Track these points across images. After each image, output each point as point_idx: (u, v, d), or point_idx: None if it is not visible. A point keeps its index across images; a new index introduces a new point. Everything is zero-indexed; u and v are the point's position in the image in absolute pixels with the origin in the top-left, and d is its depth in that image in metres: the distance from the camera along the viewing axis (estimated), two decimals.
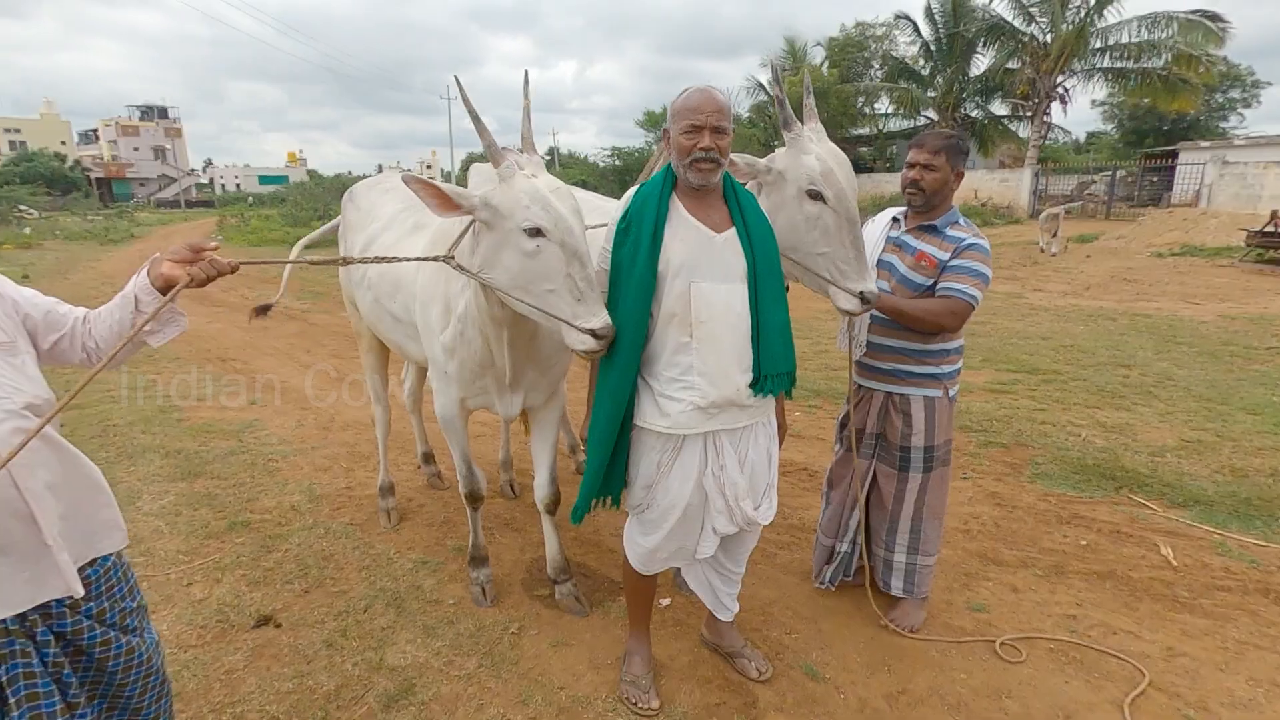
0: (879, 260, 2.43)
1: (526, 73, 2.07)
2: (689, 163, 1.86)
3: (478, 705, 2.21)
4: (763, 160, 2.12)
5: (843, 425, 2.66)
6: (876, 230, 2.51)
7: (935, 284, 2.29)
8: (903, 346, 2.37)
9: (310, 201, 28.37)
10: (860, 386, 2.56)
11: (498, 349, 2.25)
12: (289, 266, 4.24)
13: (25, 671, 1.34)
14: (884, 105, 26.01)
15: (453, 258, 2.00)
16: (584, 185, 32.01)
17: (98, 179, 49.60)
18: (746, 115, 29.14)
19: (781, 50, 27.70)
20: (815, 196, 2.04)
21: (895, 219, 2.50)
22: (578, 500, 2.04)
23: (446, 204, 1.88)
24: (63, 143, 51.40)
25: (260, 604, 2.74)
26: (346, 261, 1.92)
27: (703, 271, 1.90)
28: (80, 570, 1.44)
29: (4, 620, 1.31)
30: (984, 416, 4.78)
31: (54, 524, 1.35)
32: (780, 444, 2.30)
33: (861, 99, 25.32)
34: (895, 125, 26.68)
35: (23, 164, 43.98)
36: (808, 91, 2.17)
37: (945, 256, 2.28)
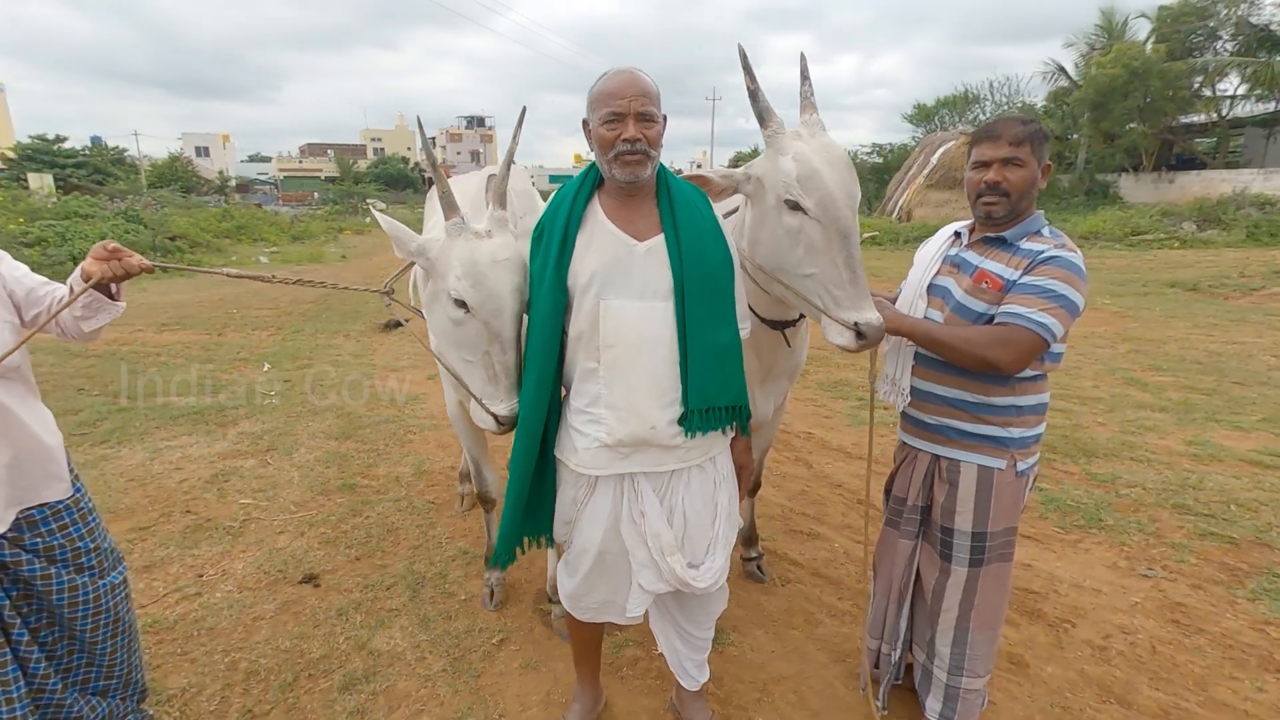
0: (932, 285, 1.88)
1: (524, 110, 1.94)
2: (612, 157, 1.59)
3: (416, 710, 2.19)
4: (740, 169, 1.77)
5: (888, 491, 2.12)
6: (932, 249, 1.96)
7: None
8: (954, 396, 1.79)
9: None
10: (904, 444, 2.02)
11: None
12: None
13: None
14: (1231, 85, 20.77)
15: (392, 291, 1.94)
16: None
17: (428, 179, 59.85)
18: (1041, 104, 25.41)
19: (1095, 25, 23.58)
20: (794, 206, 1.64)
21: (957, 233, 1.92)
22: (497, 541, 1.84)
23: (397, 243, 1.82)
24: (409, 149, 62.89)
25: (316, 563, 3.03)
26: (270, 280, 1.97)
27: (616, 286, 1.62)
28: (26, 511, 1.69)
29: None
30: (1219, 496, 3.55)
31: None
32: (746, 493, 1.92)
33: (1198, 79, 20.47)
34: (1245, 109, 21.16)
35: (380, 167, 55.00)
36: (803, 77, 1.75)
37: (1014, 275, 1.69)
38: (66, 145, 36.67)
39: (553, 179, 68.28)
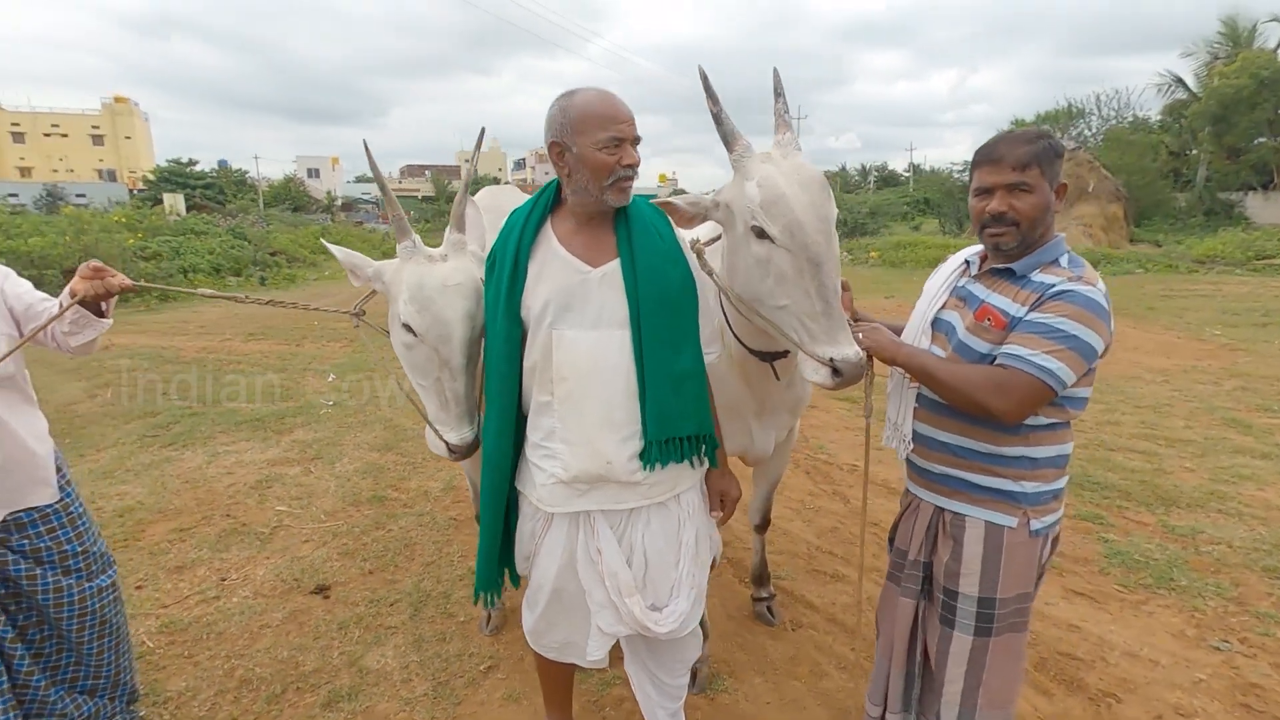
0: (937, 319, 1.68)
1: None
2: (610, 183, 1.51)
3: None
4: (708, 195, 1.66)
5: (891, 541, 1.93)
6: (940, 278, 1.76)
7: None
8: (959, 444, 1.59)
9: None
10: (908, 491, 1.84)
11: None
12: None
13: None
14: None
15: (363, 314, 1.93)
16: (926, 203, 29.53)
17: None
18: (1156, 118, 23.70)
19: (1218, 33, 21.82)
20: (761, 234, 1.52)
21: (968, 262, 1.73)
22: (476, 575, 1.79)
23: (352, 272, 1.83)
24: (499, 169, 65.48)
25: (331, 574, 3.09)
26: (243, 300, 2.01)
27: (569, 316, 1.55)
28: (14, 514, 1.78)
29: None
30: None
31: None
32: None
33: None
34: None
35: (472, 187, 57.57)
36: (777, 94, 1.64)
37: (1019, 311, 1.48)
38: (197, 168, 40.30)
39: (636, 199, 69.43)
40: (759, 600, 2.77)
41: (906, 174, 60.37)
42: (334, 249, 1.83)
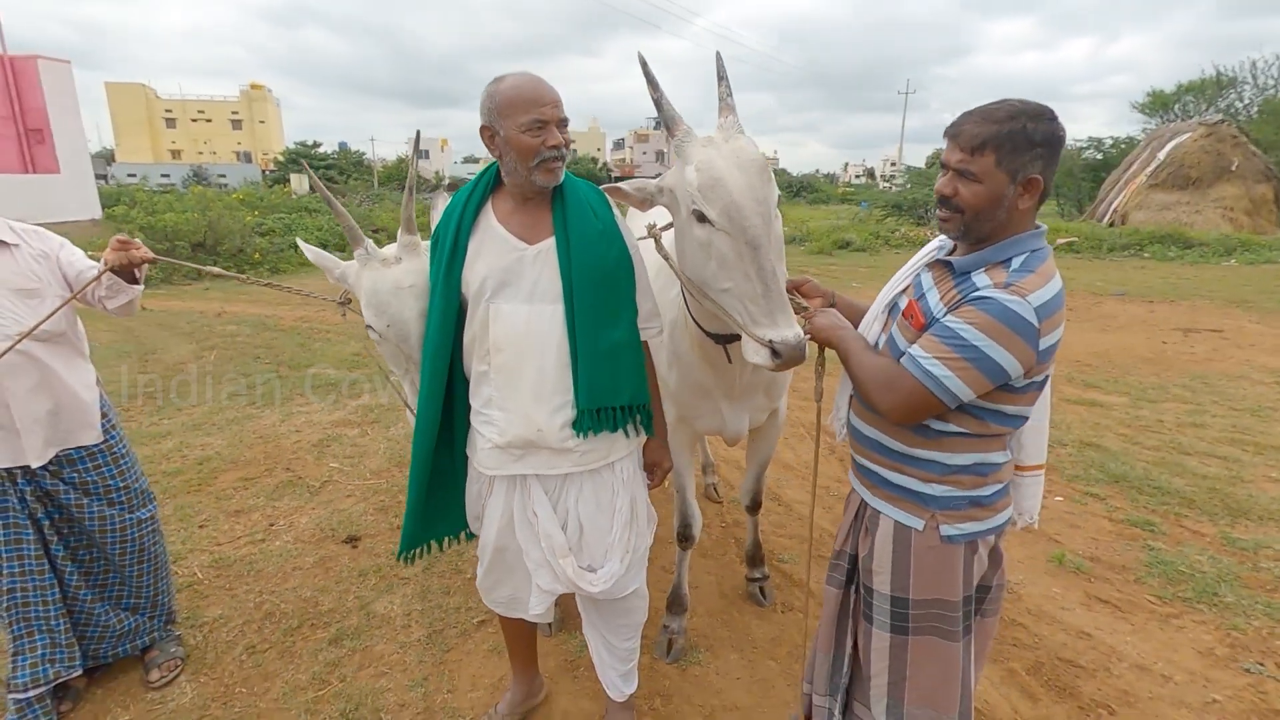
0: (894, 304, 1.60)
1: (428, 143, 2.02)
2: (536, 164, 1.59)
3: (380, 672, 2.36)
4: (654, 180, 1.69)
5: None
6: (911, 262, 1.69)
7: None
8: (875, 438, 1.56)
9: None
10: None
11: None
12: None
13: (2, 506, 2.01)
14: None
15: (348, 301, 2.02)
16: None
17: (615, 177, 62.85)
18: None
19: None
20: (701, 218, 1.54)
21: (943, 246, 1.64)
22: (400, 536, 1.90)
23: (325, 272, 1.92)
24: (598, 149, 66.25)
25: (363, 526, 3.35)
26: (248, 281, 2.20)
27: (506, 291, 1.64)
28: (65, 450, 2.08)
29: None
30: None
31: (29, 415, 1.98)
32: (652, 485, 1.85)
33: None
34: None
35: (570, 166, 58.49)
36: (719, 77, 1.64)
37: (940, 312, 1.41)
38: (320, 150, 43.24)
39: None
40: (752, 580, 2.78)
41: None
42: (306, 249, 1.93)
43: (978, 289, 1.35)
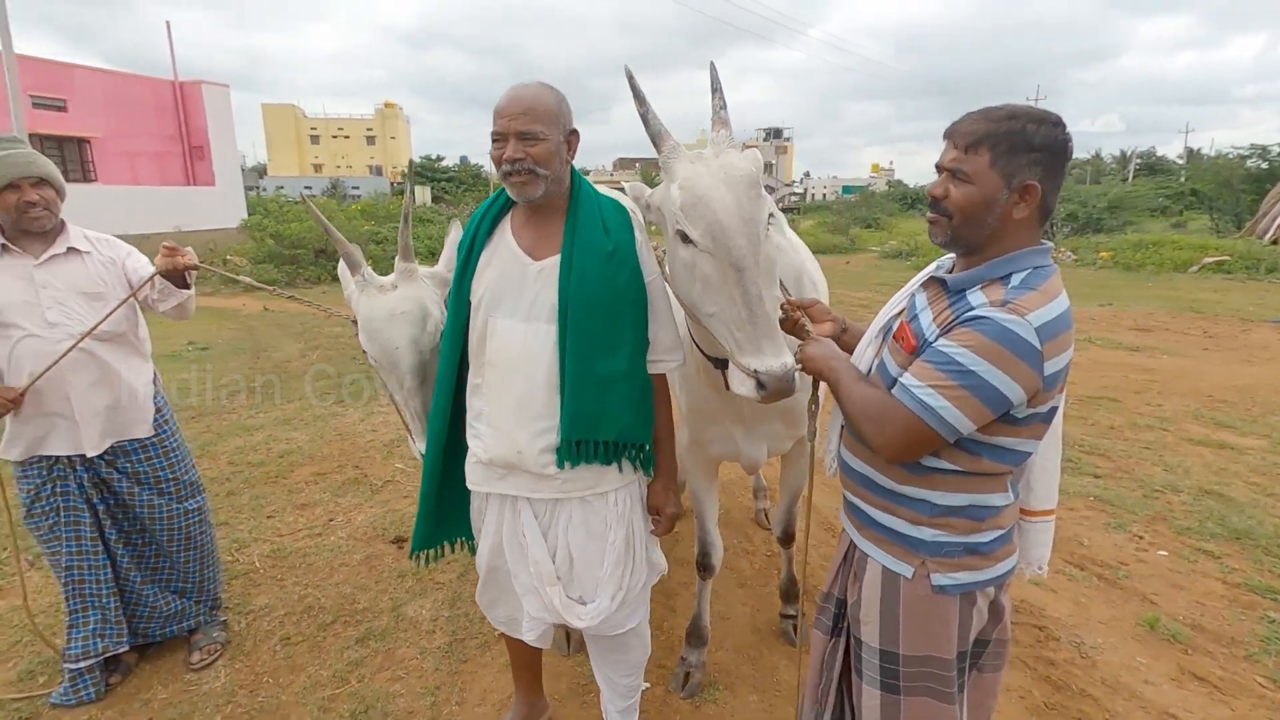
0: (890, 327, 1.47)
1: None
2: (501, 176, 1.57)
3: (397, 676, 2.39)
4: (648, 192, 1.61)
5: None
6: (913, 281, 1.54)
7: None
8: (864, 472, 1.41)
9: (864, 210, 29.73)
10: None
11: None
12: None
13: (64, 490, 2.20)
14: None
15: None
16: (1195, 196, 24.97)
17: None
18: None
19: None
20: (686, 238, 1.46)
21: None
22: (412, 537, 1.92)
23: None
24: None
25: (412, 527, 3.43)
26: (273, 292, 2.28)
27: (505, 305, 1.60)
28: (119, 442, 2.25)
29: (56, 455, 2.17)
30: None
31: (88, 408, 2.15)
32: (658, 532, 1.74)
33: None
34: None
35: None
36: (713, 89, 1.55)
37: (932, 335, 1.27)
38: (443, 164, 45.84)
39: (845, 190, 66.41)
40: (785, 618, 2.61)
41: (1179, 160, 51.02)
42: (340, 267, 1.97)
43: (973, 308, 1.20)
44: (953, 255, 1.43)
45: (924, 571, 1.31)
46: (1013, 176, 1.21)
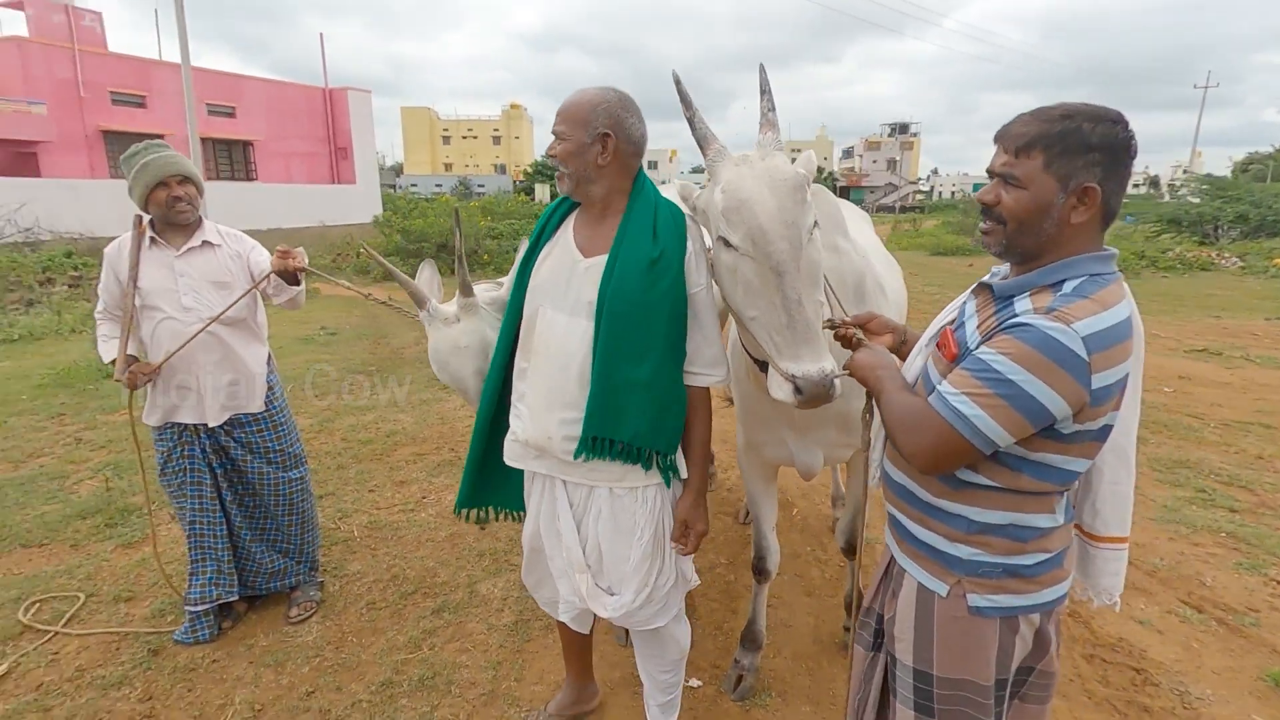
0: (935, 334, 1.43)
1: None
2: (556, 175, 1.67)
3: (464, 648, 2.54)
4: (697, 190, 1.62)
5: None
6: (969, 289, 1.47)
7: None
8: (905, 485, 1.36)
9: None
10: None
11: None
12: None
13: (189, 454, 2.50)
14: None
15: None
16: None
17: (841, 187, 60.47)
18: None
19: None
20: (727, 242, 1.47)
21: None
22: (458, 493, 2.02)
23: None
24: (825, 158, 64.31)
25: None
26: (366, 297, 2.45)
27: (554, 297, 1.68)
28: (236, 416, 2.53)
29: (184, 423, 2.47)
30: None
31: (212, 384, 2.44)
32: (684, 551, 1.73)
33: None
34: None
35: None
36: (762, 91, 1.53)
37: (974, 343, 1.21)
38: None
39: (976, 188, 62.51)
40: (847, 630, 2.54)
41: None
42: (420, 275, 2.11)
43: (1016, 315, 1.14)
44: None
45: (960, 591, 1.25)
46: (1069, 179, 1.13)
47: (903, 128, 66.48)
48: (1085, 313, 1.08)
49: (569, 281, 1.66)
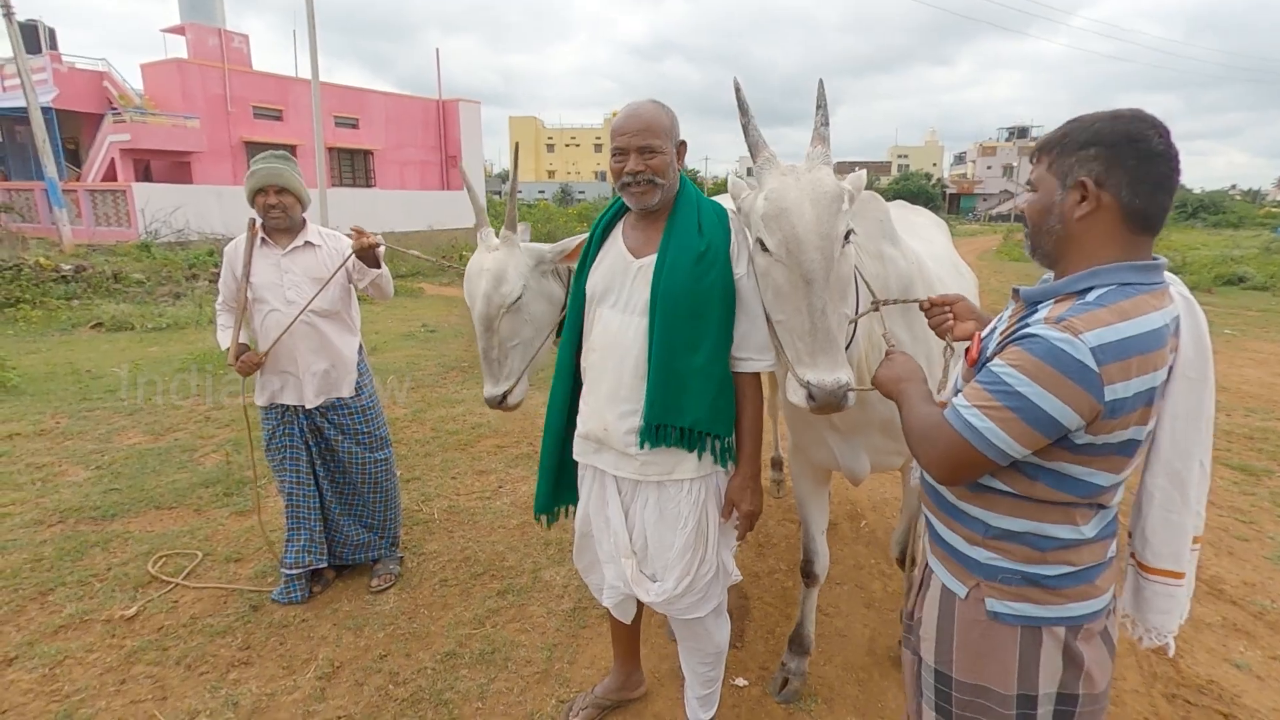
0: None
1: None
2: (619, 187, 1.76)
3: (523, 629, 2.68)
4: (746, 191, 1.67)
5: None
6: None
7: None
8: (934, 486, 1.36)
9: None
10: None
11: None
12: None
13: (289, 432, 2.77)
14: None
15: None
16: None
17: (951, 194, 57.66)
18: None
19: None
20: (764, 246, 1.54)
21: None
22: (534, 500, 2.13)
23: None
24: (934, 164, 61.60)
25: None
26: (441, 263, 2.61)
27: (610, 298, 1.79)
28: (330, 399, 2.78)
29: (286, 404, 2.75)
30: None
31: (309, 369, 2.70)
32: (739, 527, 1.79)
33: None
34: None
35: (901, 183, 55.58)
36: (817, 106, 1.58)
37: (995, 347, 1.21)
38: None
39: None
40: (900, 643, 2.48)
41: None
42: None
43: (1028, 324, 1.13)
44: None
45: (979, 594, 1.25)
46: (1066, 175, 1.14)
47: (1021, 132, 62.43)
48: (1097, 323, 1.05)
49: (624, 282, 1.76)
